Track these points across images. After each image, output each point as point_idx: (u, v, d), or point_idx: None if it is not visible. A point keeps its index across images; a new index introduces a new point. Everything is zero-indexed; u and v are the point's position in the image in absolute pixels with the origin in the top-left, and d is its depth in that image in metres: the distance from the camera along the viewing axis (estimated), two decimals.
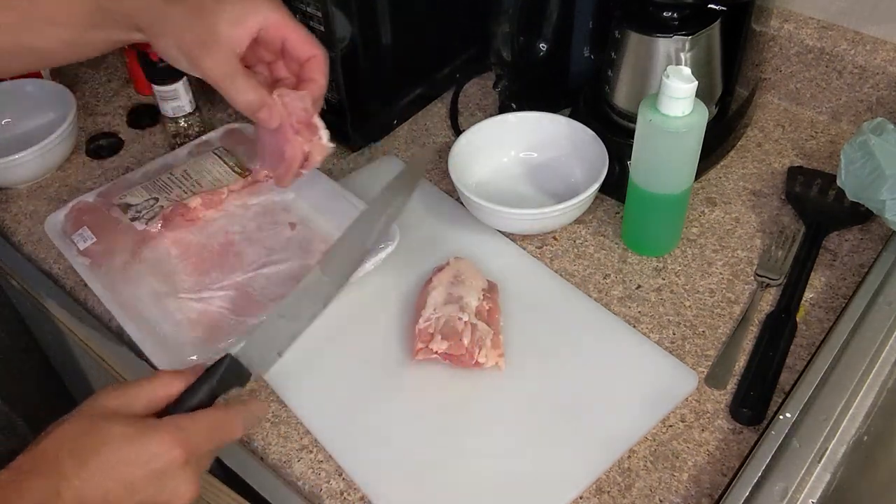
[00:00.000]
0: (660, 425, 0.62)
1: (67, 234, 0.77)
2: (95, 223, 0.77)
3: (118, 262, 0.74)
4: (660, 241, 0.75)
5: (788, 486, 0.54)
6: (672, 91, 0.62)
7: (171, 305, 0.71)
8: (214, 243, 0.77)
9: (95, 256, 0.74)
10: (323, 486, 0.60)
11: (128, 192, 0.80)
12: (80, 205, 0.79)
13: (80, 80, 1.03)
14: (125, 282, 0.73)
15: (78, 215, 0.78)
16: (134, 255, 0.75)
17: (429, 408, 0.63)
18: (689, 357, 0.66)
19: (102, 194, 0.81)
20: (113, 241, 0.75)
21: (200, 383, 0.53)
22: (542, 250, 0.76)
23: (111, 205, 0.79)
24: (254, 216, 0.80)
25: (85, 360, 1.00)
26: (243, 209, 0.80)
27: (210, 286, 0.73)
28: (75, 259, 0.75)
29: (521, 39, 0.82)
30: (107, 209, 0.78)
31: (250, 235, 0.78)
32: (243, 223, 0.79)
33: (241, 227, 0.78)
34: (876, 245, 0.74)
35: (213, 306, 0.71)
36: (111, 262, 0.74)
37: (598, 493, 0.58)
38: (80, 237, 0.76)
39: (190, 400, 0.52)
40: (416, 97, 0.93)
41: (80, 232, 0.76)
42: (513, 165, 0.83)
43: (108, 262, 0.74)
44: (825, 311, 0.69)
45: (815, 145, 0.86)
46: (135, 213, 0.77)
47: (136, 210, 0.77)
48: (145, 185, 0.81)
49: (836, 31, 0.85)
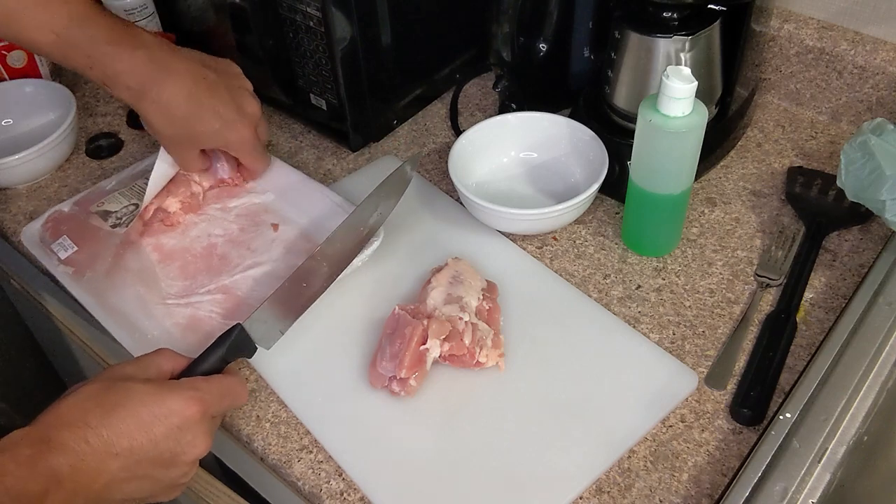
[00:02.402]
0: (660, 425, 0.62)
1: (46, 244, 0.76)
2: (75, 232, 0.76)
3: (102, 269, 0.73)
4: (660, 241, 0.75)
5: (788, 487, 0.54)
6: (672, 91, 0.62)
7: (158, 312, 0.71)
8: (197, 247, 0.77)
9: (78, 265, 0.74)
10: (323, 486, 0.60)
11: (105, 199, 0.80)
12: (57, 214, 0.79)
13: (80, 80, 1.03)
14: (111, 289, 0.72)
15: (55, 225, 0.77)
16: (117, 260, 0.74)
17: (429, 407, 0.63)
18: (689, 357, 0.66)
19: (78, 203, 0.80)
20: (95, 249, 0.75)
21: (213, 349, 0.59)
22: (542, 250, 0.76)
23: (89, 213, 0.78)
24: (235, 218, 0.79)
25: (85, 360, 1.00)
26: (223, 212, 0.80)
27: (197, 290, 0.72)
28: (57, 269, 0.74)
29: (521, 39, 0.82)
30: (85, 217, 0.78)
31: (233, 238, 0.77)
32: (224, 226, 0.79)
33: (223, 230, 0.78)
34: (876, 245, 0.74)
35: (202, 311, 0.71)
36: (95, 269, 0.73)
37: (598, 493, 0.58)
38: (61, 246, 0.75)
39: (203, 364, 0.58)
40: (416, 97, 0.93)
41: (60, 241, 0.75)
42: (513, 165, 0.83)
43: (91, 270, 0.73)
44: (825, 311, 0.69)
45: (815, 145, 0.86)
46: (115, 219, 0.77)
47: (116, 217, 0.77)
48: (122, 192, 0.80)
49: (836, 31, 0.85)
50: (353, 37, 0.80)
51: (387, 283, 0.73)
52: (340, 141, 0.90)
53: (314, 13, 0.78)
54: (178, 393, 0.53)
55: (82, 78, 1.03)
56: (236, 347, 0.59)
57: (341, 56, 0.80)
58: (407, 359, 0.61)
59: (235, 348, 0.59)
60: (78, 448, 0.48)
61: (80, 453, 0.48)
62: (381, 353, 0.64)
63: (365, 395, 0.64)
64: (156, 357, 0.57)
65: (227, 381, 0.57)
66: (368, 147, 0.90)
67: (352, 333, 0.69)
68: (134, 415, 0.51)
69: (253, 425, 0.64)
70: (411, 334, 0.62)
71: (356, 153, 0.89)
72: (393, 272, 0.73)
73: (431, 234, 0.78)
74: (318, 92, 0.86)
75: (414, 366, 0.62)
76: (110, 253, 0.75)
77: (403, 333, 0.62)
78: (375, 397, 0.64)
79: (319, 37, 0.79)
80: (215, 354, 0.58)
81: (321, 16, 0.77)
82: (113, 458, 0.49)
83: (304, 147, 0.91)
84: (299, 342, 0.68)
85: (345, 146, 0.89)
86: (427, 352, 0.62)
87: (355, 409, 0.64)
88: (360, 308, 0.71)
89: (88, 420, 0.49)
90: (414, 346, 0.62)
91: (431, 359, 0.63)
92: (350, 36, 0.80)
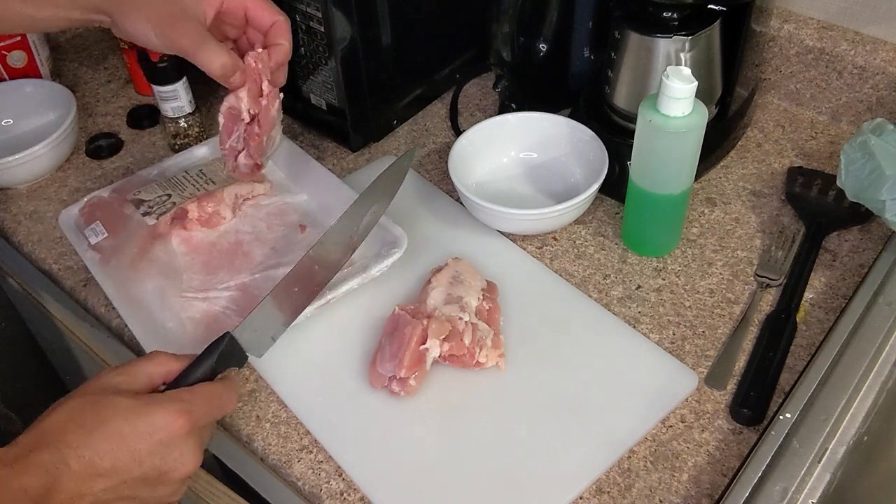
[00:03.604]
0: (660, 425, 0.62)
1: (80, 229, 0.76)
2: (108, 218, 0.77)
3: (126, 258, 0.74)
4: (660, 241, 0.75)
5: (788, 487, 0.54)
6: (672, 91, 0.62)
7: (175, 304, 0.71)
8: (224, 243, 0.76)
9: (105, 252, 0.74)
10: (323, 486, 0.60)
11: (142, 188, 0.80)
12: (95, 199, 0.79)
13: (80, 80, 1.03)
14: (132, 278, 0.72)
15: (91, 210, 0.78)
16: (143, 251, 0.74)
17: (429, 407, 0.63)
18: (689, 357, 0.66)
19: (117, 190, 0.80)
20: (123, 237, 0.75)
21: (202, 359, 0.56)
22: (542, 250, 0.76)
23: (125, 200, 0.78)
24: (265, 216, 0.79)
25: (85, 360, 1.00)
26: (255, 209, 0.80)
27: (216, 286, 0.72)
28: (86, 253, 0.74)
29: (521, 39, 0.82)
30: (120, 205, 0.78)
31: (260, 236, 0.77)
32: (254, 223, 0.78)
33: (252, 228, 0.78)
34: (876, 245, 0.74)
35: (216, 306, 0.71)
36: (120, 257, 0.73)
37: (598, 493, 0.58)
38: (93, 231, 0.76)
39: (191, 375, 0.55)
40: (415, 97, 0.93)
41: (93, 226, 0.76)
42: (513, 165, 0.83)
43: (116, 258, 0.73)
44: (825, 311, 0.69)
45: (815, 145, 0.86)
46: (147, 208, 0.77)
47: (148, 206, 0.77)
48: (159, 182, 0.80)
49: (836, 31, 0.85)
50: (353, 37, 0.80)
51: (387, 284, 0.72)
52: (340, 141, 0.90)
53: (314, 13, 0.78)
54: (162, 407, 0.50)
55: (82, 78, 1.03)
56: (226, 357, 0.56)
57: (341, 56, 0.80)
58: (407, 358, 0.61)
59: (225, 358, 0.56)
60: (55, 470, 0.46)
61: (58, 475, 0.46)
62: (380, 353, 0.64)
63: (365, 395, 0.64)
64: (146, 364, 0.54)
65: (212, 389, 0.54)
66: (368, 147, 0.90)
67: (351, 334, 0.69)
68: (116, 433, 0.49)
69: (253, 425, 0.64)
70: (411, 334, 0.62)
71: (356, 153, 0.89)
72: (392, 272, 0.73)
73: (431, 234, 0.78)
74: (319, 92, 0.86)
75: (414, 366, 0.62)
76: (137, 242, 0.75)
77: (403, 333, 0.62)
78: (375, 397, 0.64)
79: (319, 37, 0.79)
80: (205, 365, 0.55)
81: (321, 16, 0.77)
82: (96, 478, 0.48)
83: (305, 147, 0.90)
84: (300, 343, 0.68)
85: (345, 146, 0.89)
86: (427, 352, 0.62)
87: (355, 409, 0.64)
88: (360, 308, 0.71)
89: (69, 440, 0.48)
90: (414, 346, 0.62)
91: (431, 359, 0.63)
92: (350, 36, 0.80)
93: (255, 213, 0.79)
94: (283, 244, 0.76)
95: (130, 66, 0.99)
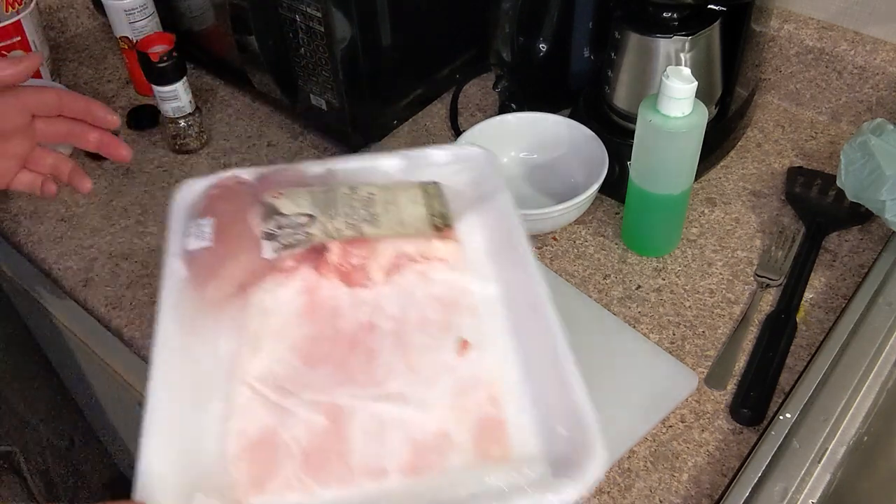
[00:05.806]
0: (660, 426, 0.62)
1: (192, 217, 0.55)
2: (225, 218, 0.54)
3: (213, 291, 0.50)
4: (660, 241, 0.75)
5: (788, 487, 0.54)
6: (672, 91, 0.62)
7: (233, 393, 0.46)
8: (351, 320, 0.50)
9: (195, 270, 0.51)
10: None
11: (289, 190, 0.57)
12: (230, 181, 0.57)
13: (80, 80, 1.03)
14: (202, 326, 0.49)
15: (218, 195, 0.56)
16: (242, 289, 0.51)
17: None
18: (689, 357, 0.66)
19: (264, 178, 0.58)
20: (228, 255, 0.52)
21: None
22: (542, 250, 0.76)
23: (260, 200, 0.56)
24: (428, 299, 0.52)
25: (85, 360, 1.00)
26: (420, 280, 0.52)
27: (302, 391, 0.46)
28: (170, 259, 0.53)
29: (521, 39, 0.82)
30: (250, 203, 0.55)
31: (402, 330, 0.50)
32: (406, 305, 0.51)
33: (400, 311, 0.51)
34: (876, 245, 0.74)
35: (284, 426, 0.45)
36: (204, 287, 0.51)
37: (598, 493, 0.58)
38: (199, 231, 0.53)
39: None
40: (416, 97, 0.93)
41: (203, 223, 0.54)
42: (513, 166, 0.83)
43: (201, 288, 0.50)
44: (825, 311, 0.69)
45: (815, 145, 0.86)
46: (275, 226, 0.53)
47: (276, 224, 0.54)
48: (314, 190, 0.57)
49: (836, 31, 0.85)
50: (353, 37, 0.80)
51: None
52: (340, 141, 0.90)
53: (314, 13, 0.78)
54: None
55: (82, 78, 1.03)
56: None
57: (341, 56, 0.80)
58: None
59: None
60: None
61: None
62: None
63: None
64: None
65: None
66: (368, 147, 0.90)
67: None
68: None
69: None
70: None
71: (356, 153, 0.89)
72: None
73: None
74: (319, 92, 0.86)
75: None
76: (237, 273, 0.51)
77: None
78: None
79: (319, 37, 0.79)
80: None
81: (321, 16, 0.77)
82: None
83: (305, 147, 0.91)
84: None
85: (345, 146, 0.89)
86: None
87: None
88: None
89: None
90: None
91: None
92: (350, 36, 0.80)
93: (416, 287, 0.52)
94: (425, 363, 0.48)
95: (130, 66, 0.99)
